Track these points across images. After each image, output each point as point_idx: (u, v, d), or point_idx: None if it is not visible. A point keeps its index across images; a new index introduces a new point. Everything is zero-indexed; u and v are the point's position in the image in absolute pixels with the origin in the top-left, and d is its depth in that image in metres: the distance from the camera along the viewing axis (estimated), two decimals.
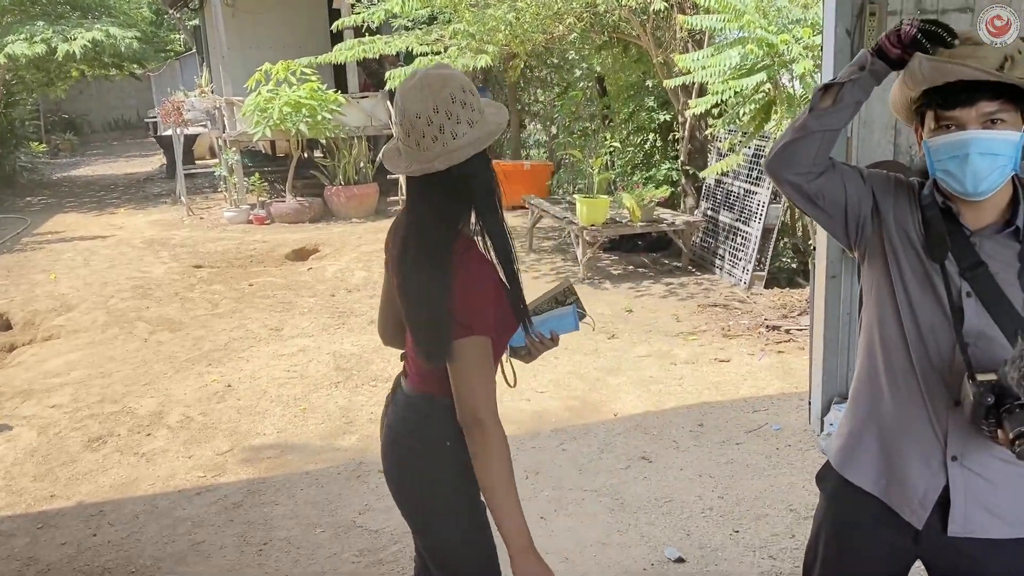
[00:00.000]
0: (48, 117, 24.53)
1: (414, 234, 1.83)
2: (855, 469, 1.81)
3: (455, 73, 1.79)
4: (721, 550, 3.35)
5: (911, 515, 1.72)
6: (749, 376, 5.14)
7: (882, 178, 1.77)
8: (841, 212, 1.75)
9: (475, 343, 1.76)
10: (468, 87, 1.78)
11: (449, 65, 1.91)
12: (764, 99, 5.54)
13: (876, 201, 1.73)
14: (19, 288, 8.15)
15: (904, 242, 1.70)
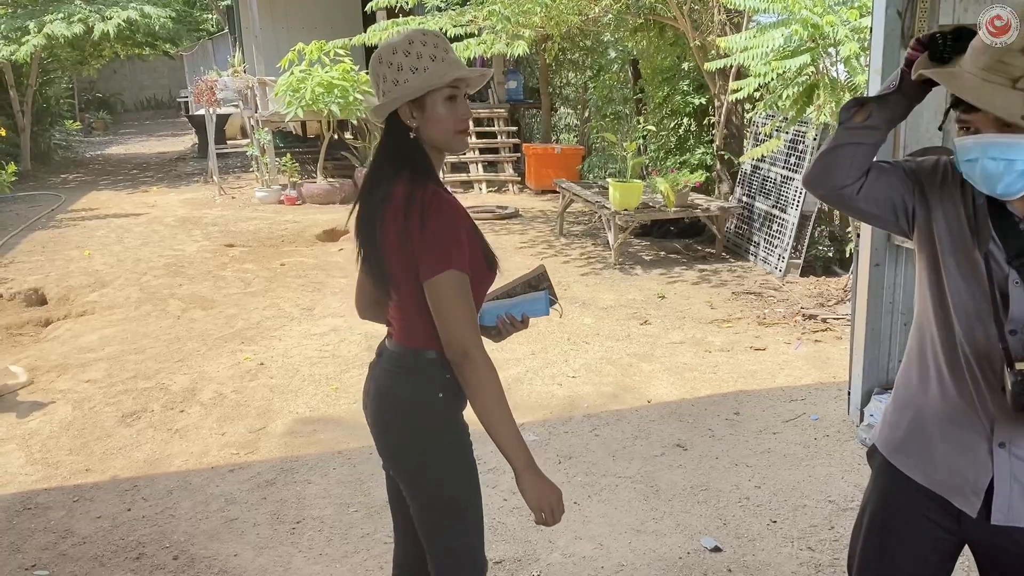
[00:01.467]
0: (82, 96, 24.80)
1: (368, 179, 1.96)
2: (903, 456, 1.79)
3: (421, 29, 1.90)
4: (759, 540, 3.30)
5: (963, 503, 1.68)
6: (786, 365, 5.05)
7: (930, 167, 1.73)
8: (888, 211, 1.73)
9: (453, 276, 1.79)
10: (420, 43, 1.86)
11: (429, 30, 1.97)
12: (807, 82, 5.41)
13: (924, 192, 1.70)
14: (54, 264, 8.23)
15: (953, 229, 1.66)
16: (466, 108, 1.92)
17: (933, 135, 4.02)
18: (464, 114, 1.91)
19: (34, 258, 8.55)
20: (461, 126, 1.91)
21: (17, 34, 13.95)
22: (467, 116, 1.92)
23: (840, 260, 7.05)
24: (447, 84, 1.86)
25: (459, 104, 1.90)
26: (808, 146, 6.95)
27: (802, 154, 7.06)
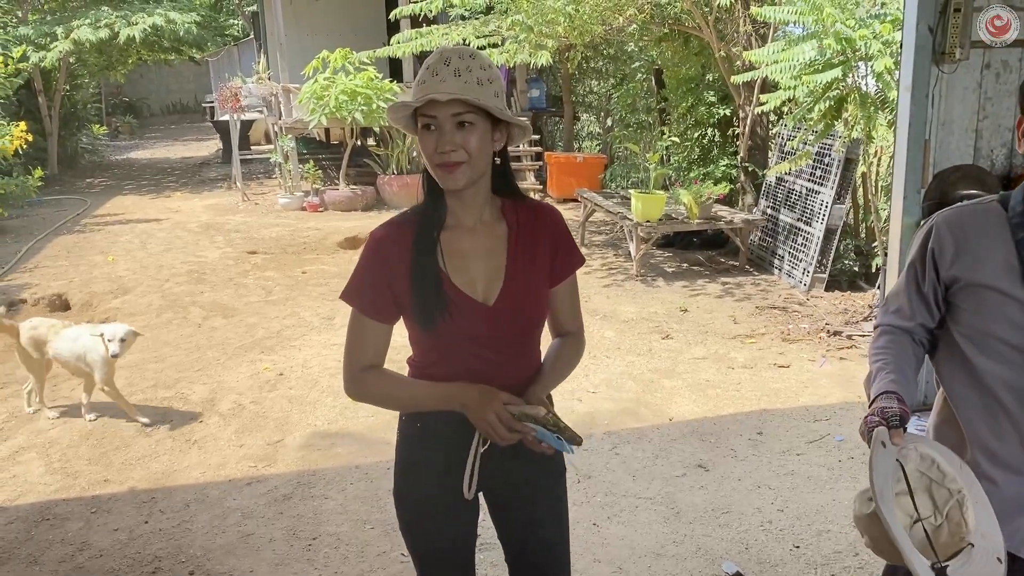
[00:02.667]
0: (109, 100, 25.06)
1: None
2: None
3: (452, 47, 1.76)
4: (781, 566, 3.23)
5: (1018, 548, 1.62)
6: (810, 383, 4.97)
7: (954, 244, 1.67)
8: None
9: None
10: (433, 58, 1.72)
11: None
12: (837, 96, 5.33)
13: (958, 278, 1.68)
14: (78, 269, 8.28)
15: (1003, 275, 1.60)
16: (447, 141, 1.67)
17: (964, 152, 3.96)
18: (441, 147, 1.68)
19: (58, 263, 8.62)
20: (437, 159, 1.69)
21: (46, 40, 14.12)
22: (445, 150, 1.68)
23: (866, 275, 6.95)
24: (418, 111, 1.70)
25: (437, 135, 1.69)
26: (834, 159, 6.86)
27: (828, 167, 6.98)
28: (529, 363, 1.89)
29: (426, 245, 1.79)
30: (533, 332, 1.88)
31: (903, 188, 3.84)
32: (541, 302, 1.87)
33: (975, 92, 3.86)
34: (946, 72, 3.75)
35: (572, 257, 1.90)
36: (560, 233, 1.88)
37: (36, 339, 4.78)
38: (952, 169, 3.90)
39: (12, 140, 10.22)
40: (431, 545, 1.97)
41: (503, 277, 1.80)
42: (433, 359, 1.86)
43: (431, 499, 1.91)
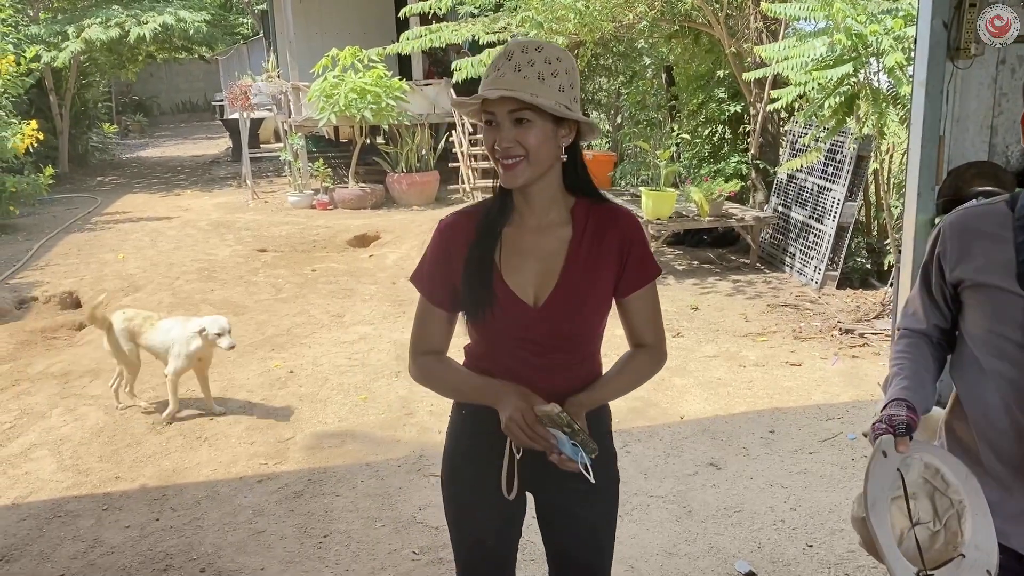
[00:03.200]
0: (119, 99, 25.17)
1: None
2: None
3: (522, 40, 1.73)
4: (794, 565, 3.21)
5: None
6: (822, 381, 4.94)
7: (958, 246, 1.66)
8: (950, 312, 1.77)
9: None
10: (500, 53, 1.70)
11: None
12: (848, 92, 5.30)
13: (962, 280, 1.67)
14: (89, 267, 8.31)
15: (1004, 275, 1.59)
16: (503, 137, 1.65)
17: (979, 149, 3.91)
18: (499, 143, 1.65)
19: (69, 261, 8.65)
20: (496, 155, 1.68)
21: (57, 39, 14.17)
22: (502, 146, 1.66)
23: (878, 273, 6.91)
24: (478, 109, 1.69)
25: (497, 131, 1.66)
26: (846, 156, 6.82)
27: (840, 164, 6.93)
28: (582, 371, 1.83)
29: (486, 239, 1.78)
30: (584, 340, 1.82)
31: (917, 185, 3.80)
32: (595, 310, 1.79)
33: (990, 88, 3.82)
34: (961, 68, 3.71)
35: (645, 267, 1.80)
36: (633, 241, 1.78)
37: (131, 330, 4.72)
38: (967, 166, 3.86)
39: (23, 139, 10.27)
40: (468, 534, 1.97)
41: (556, 281, 1.76)
42: (482, 351, 1.86)
43: (471, 488, 1.91)
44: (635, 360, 1.86)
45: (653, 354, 1.87)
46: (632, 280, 1.79)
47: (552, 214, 1.78)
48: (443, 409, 4.67)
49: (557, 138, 1.69)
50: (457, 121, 12.33)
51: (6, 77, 10.94)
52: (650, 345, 1.86)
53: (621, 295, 1.81)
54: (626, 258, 1.77)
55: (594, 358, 1.87)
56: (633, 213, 1.86)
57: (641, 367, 1.86)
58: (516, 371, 1.78)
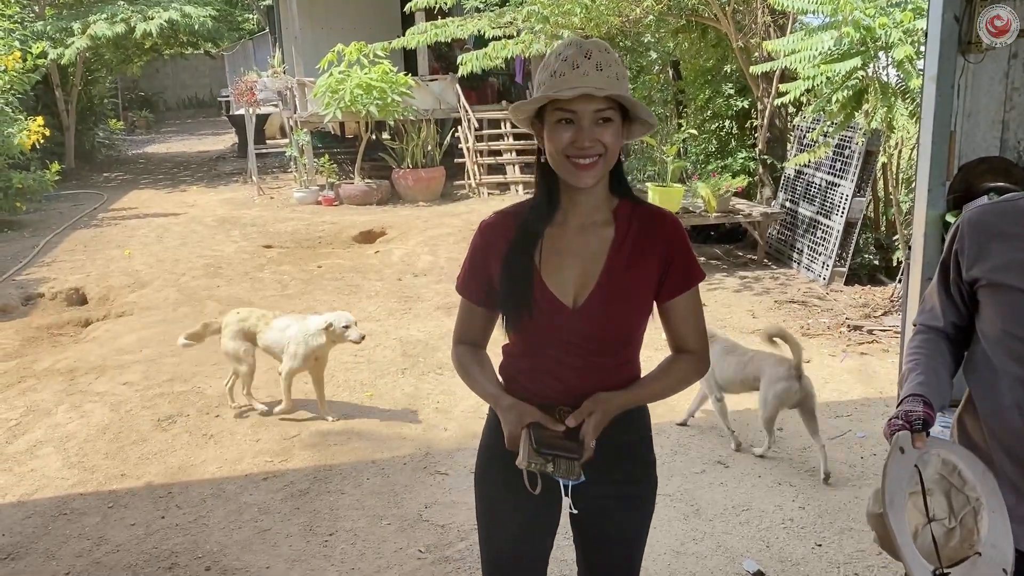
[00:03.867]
0: (125, 95, 25.17)
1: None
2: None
3: (589, 40, 1.71)
4: (803, 564, 3.18)
5: None
6: (831, 379, 4.91)
7: (975, 243, 1.64)
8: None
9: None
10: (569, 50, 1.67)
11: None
12: (856, 86, 5.25)
13: (978, 278, 1.64)
14: (95, 263, 8.31)
15: (1021, 273, 1.57)
16: (586, 136, 1.62)
17: (990, 144, 3.87)
18: (580, 142, 1.63)
19: (75, 257, 8.66)
20: (572, 152, 1.64)
21: (63, 35, 14.18)
22: (584, 145, 1.63)
23: (886, 269, 6.88)
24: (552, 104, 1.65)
25: (575, 129, 1.63)
26: (855, 151, 6.78)
27: (848, 159, 6.89)
28: (620, 375, 1.79)
29: (526, 239, 1.76)
30: (623, 343, 1.79)
31: (928, 180, 3.76)
32: (635, 313, 1.76)
33: (1001, 83, 3.77)
34: (972, 62, 3.66)
35: (689, 271, 1.76)
36: (677, 244, 1.75)
37: (245, 330, 4.61)
38: (977, 161, 3.82)
39: (30, 135, 10.27)
40: (496, 534, 1.96)
41: (595, 283, 1.73)
42: (520, 351, 1.85)
43: (501, 487, 1.88)
44: (676, 365, 1.83)
45: (695, 360, 1.83)
46: (675, 284, 1.76)
47: (597, 214, 1.76)
48: (449, 406, 4.67)
49: (622, 138, 1.70)
50: (463, 116, 12.30)
51: (12, 73, 10.94)
52: (692, 351, 1.82)
53: (663, 299, 1.77)
54: (669, 262, 1.75)
55: (633, 362, 1.84)
56: (677, 217, 1.83)
57: (682, 372, 1.84)
58: (553, 372, 1.77)
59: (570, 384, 1.75)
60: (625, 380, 1.79)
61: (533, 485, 1.72)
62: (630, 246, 1.74)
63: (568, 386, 1.74)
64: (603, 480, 1.82)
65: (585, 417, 1.69)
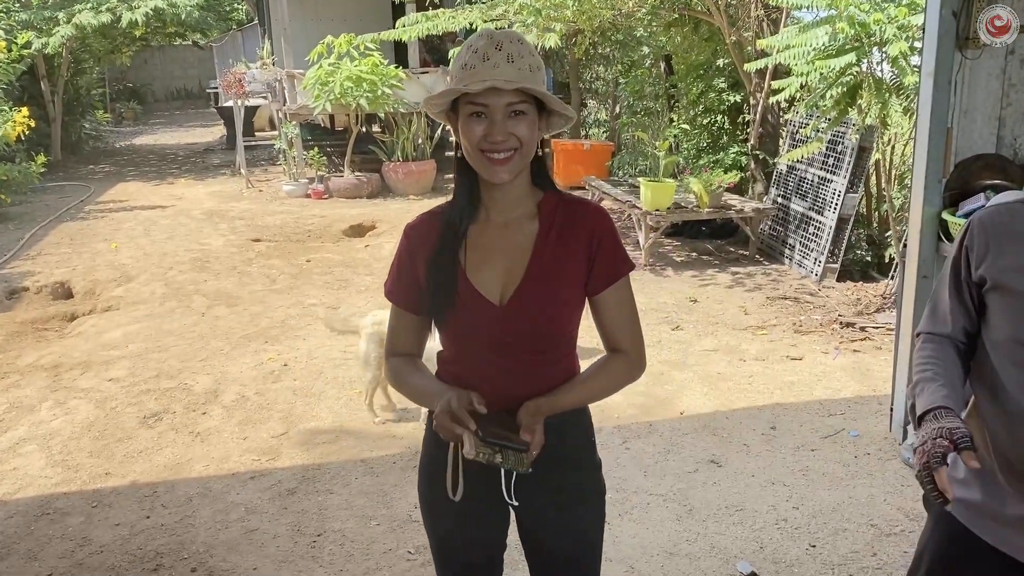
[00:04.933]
0: (113, 86, 24.91)
1: None
2: (976, 519, 1.63)
3: (501, 31, 1.65)
4: (797, 566, 3.15)
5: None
6: (823, 376, 4.88)
7: (985, 243, 1.59)
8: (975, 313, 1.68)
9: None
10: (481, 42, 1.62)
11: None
12: (850, 83, 5.21)
13: (985, 279, 1.59)
14: (81, 257, 8.21)
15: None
16: (499, 130, 1.58)
17: (987, 141, 3.85)
18: (493, 136, 1.58)
19: (61, 250, 8.55)
20: (486, 147, 1.60)
21: (48, 25, 14.01)
22: (497, 139, 1.58)
23: (878, 265, 6.85)
24: (463, 97, 1.60)
25: (487, 123, 1.59)
26: (847, 147, 6.74)
27: (841, 155, 6.86)
28: (555, 374, 1.74)
29: (450, 238, 1.72)
30: (555, 340, 1.74)
31: (924, 177, 3.73)
32: (564, 309, 1.71)
33: (999, 79, 3.74)
34: (970, 58, 3.63)
35: (616, 263, 1.70)
36: (602, 234, 1.69)
37: (382, 334, 4.42)
38: (974, 158, 3.79)
39: (15, 126, 10.14)
40: (441, 544, 1.92)
41: (521, 279, 1.68)
42: (451, 356, 1.80)
43: (440, 499, 1.82)
44: (607, 366, 1.76)
45: (628, 361, 1.76)
46: (601, 276, 1.70)
47: (520, 209, 1.72)
48: None
49: (539, 131, 1.65)
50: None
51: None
52: (625, 350, 1.75)
53: (591, 293, 1.72)
54: (595, 253, 1.69)
55: (567, 360, 1.77)
56: (603, 207, 1.78)
57: (613, 374, 1.76)
58: (485, 374, 1.71)
59: (504, 388, 1.69)
60: (560, 380, 1.74)
61: (454, 491, 1.69)
62: (555, 239, 1.69)
63: (502, 390, 1.69)
64: (541, 490, 1.78)
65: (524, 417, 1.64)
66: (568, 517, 1.82)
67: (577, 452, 1.82)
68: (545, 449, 1.65)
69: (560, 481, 1.79)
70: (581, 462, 1.83)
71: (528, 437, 1.60)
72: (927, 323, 1.75)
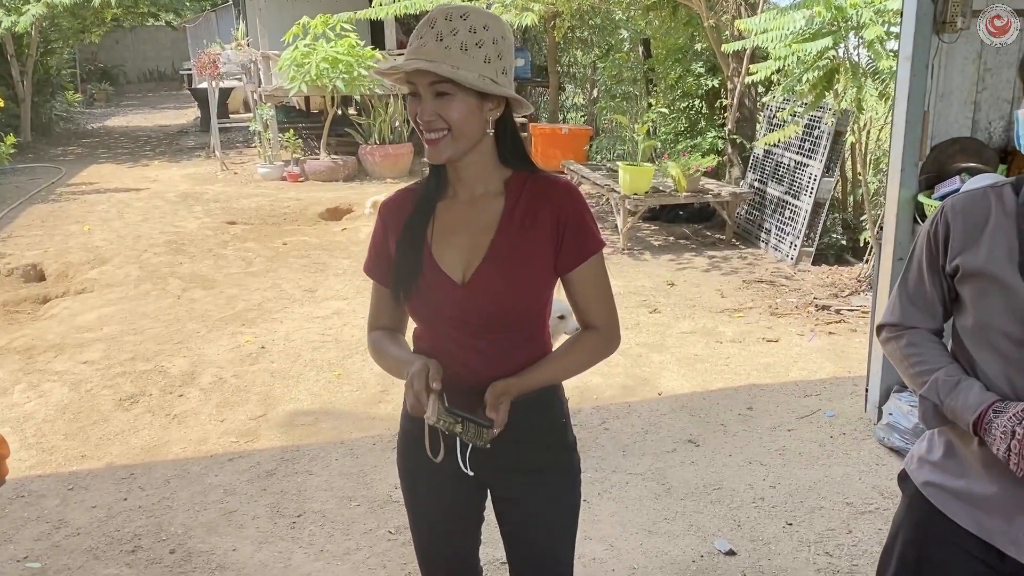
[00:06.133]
0: (84, 66, 24.53)
1: None
2: (950, 502, 1.64)
3: (444, 7, 1.63)
4: (774, 543, 3.19)
5: (1018, 552, 1.54)
6: (799, 358, 4.93)
7: (959, 230, 1.57)
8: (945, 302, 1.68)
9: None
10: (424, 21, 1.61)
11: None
12: (827, 67, 5.25)
13: (959, 267, 1.58)
14: (53, 239, 8.10)
15: (1004, 264, 1.51)
16: (425, 110, 1.57)
17: (962, 125, 3.89)
18: (421, 116, 1.58)
19: (33, 232, 8.43)
20: (418, 123, 1.60)
21: (18, 3, 13.74)
22: (424, 119, 1.58)
23: (853, 249, 6.92)
24: (403, 79, 1.60)
25: (420, 103, 1.58)
26: (824, 131, 6.79)
27: (817, 139, 6.90)
28: (524, 354, 1.72)
29: (419, 215, 1.71)
30: (520, 319, 1.71)
31: (900, 160, 3.77)
32: (528, 287, 1.69)
33: (974, 63, 3.78)
34: (947, 42, 3.67)
35: (585, 241, 1.68)
36: (569, 213, 1.67)
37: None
38: (950, 142, 3.83)
39: None
40: (418, 517, 1.94)
41: (483, 257, 1.67)
42: (420, 333, 1.80)
43: (417, 470, 1.86)
44: (581, 342, 1.76)
45: (601, 337, 1.76)
46: (570, 255, 1.68)
47: (485, 187, 1.70)
48: None
49: (483, 112, 1.61)
50: None
51: None
52: (598, 327, 1.75)
53: (561, 271, 1.70)
54: (563, 231, 1.67)
55: (536, 340, 1.76)
56: (572, 184, 1.74)
57: (588, 349, 1.76)
58: (454, 353, 1.70)
59: (474, 366, 1.69)
60: (532, 360, 1.73)
61: (435, 452, 1.66)
62: (521, 217, 1.67)
63: (472, 368, 1.69)
64: (513, 468, 1.79)
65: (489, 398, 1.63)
66: (541, 495, 1.83)
67: (548, 430, 1.82)
68: (514, 427, 1.66)
69: (533, 459, 1.80)
70: (553, 440, 1.83)
71: (493, 415, 1.60)
72: (907, 316, 1.70)
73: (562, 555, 1.90)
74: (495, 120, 1.64)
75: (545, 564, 1.89)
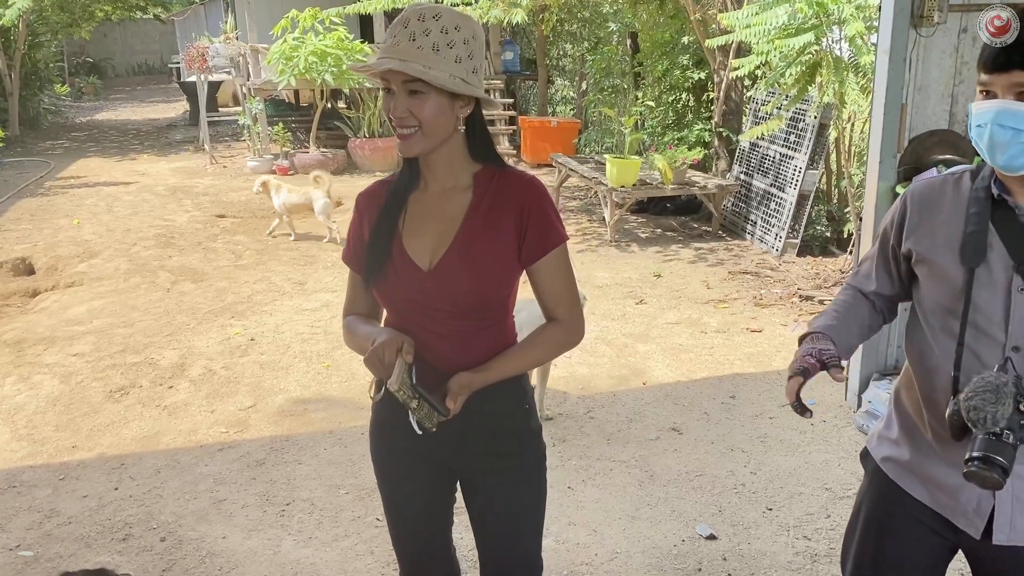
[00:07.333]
0: (72, 60, 24.42)
1: None
2: (904, 476, 1.72)
3: (418, 5, 1.70)
4: (754, 528, 3.26)
5: (967, 524, 1.62)
6: (783, 347, 5.00)
7: (915, 215, 1.66)
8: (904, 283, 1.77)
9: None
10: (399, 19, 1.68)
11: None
12: (810, 61, 5.31)
13: (912, 251, 1.67)
14: (42, 233, 8.11)
15: (949, 249, 1.59)
16: (397, 107, 1.63)
17: (940, 117, 3.96)
18: (393, 113, 1.64)
19: (22, 226, 8.43)
20: (392, 119, 1.67)
21: None
22: (396, 116, 1.64)
23: (837, 240, 7.00)
24: (378, 75, 1.65)
25: (394, 99, 1.64)
26: (808, 124, 6.86)
27: (802, 132, 6.97)
28: (488, 342, 1.78)
29: (392, 204, 1.79)
30: (483, 307, 1.75)
31: (879, 152, 3.83)
32: (491, 276, 1.73)
33: (952, 56, 3.85)
34: (924, 36, 3.73)
35: (548, 234, 1.73)
36: (534, 206, 1.72)
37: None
38: (928, 134, 3.90)
39: None
40: (391, 502, 1.99)
41: (448, 246, 1.73)
42: (389, 320, 1.86)
43: (389, 454, 1.93)
44: (543, 334, 1.81)
45: (563, 328, 1.80)
46: (533, 248, 1.73)
47: (455, 180, 1.76)
48: None
49: (454, 110, 1.67)
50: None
51: None
52: (560, 319, 1.80)
53: (525, 264, 1.76)
54: (526, 224, 1.72)
55: (499, 327, 1.81)
56: (538, 179, 1.80)
57: (550, 341, 1.82)
58: (421, 339, 1.74)
59: (440, 353, 1.75)
60: (496, 347, 1.78)
61: (421, 428, 1.72)
62: (485, 210, 1.73)
63: (438, 355, 1.74)
64: (477, 455, 1.85)
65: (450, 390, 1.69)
66: (507, 479, 1.88)
67: (512, 418, 1.87)
68: (480, 414, 1.75)
69: (498, 445, 1.85)
70: (517, 428, 1.87)
71: (451, 405, 1.67)
72: (852, 277, 1.86)
73: (529, 538, 1.96)
74: (465, 117, 1.70)
75: (513, 548, 1.95)
